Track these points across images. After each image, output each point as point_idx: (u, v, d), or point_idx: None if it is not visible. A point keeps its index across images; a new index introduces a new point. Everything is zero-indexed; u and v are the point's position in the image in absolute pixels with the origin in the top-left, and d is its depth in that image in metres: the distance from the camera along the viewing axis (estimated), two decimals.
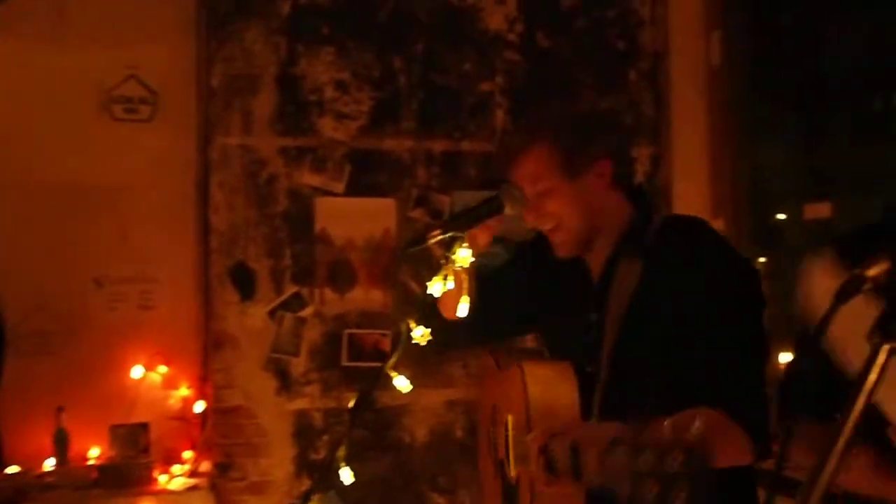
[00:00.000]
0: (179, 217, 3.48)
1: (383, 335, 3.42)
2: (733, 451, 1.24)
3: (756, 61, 3.35)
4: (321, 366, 3.44)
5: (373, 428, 3.38)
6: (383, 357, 3.22)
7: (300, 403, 3.42)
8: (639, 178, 3.75)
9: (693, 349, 1.30)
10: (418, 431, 3.50)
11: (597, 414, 1.39)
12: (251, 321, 3.38)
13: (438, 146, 3.54)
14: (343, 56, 3.43)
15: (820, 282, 0.93)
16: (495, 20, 3.60)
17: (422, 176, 3.53)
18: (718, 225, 3.44)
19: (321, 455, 3.39)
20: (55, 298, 3.36)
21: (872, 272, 0.74)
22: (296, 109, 3.41)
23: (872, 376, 0.74)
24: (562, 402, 1.41)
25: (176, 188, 3.48)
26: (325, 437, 3.41)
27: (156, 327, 3.46)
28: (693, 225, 1.54)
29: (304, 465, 3.40)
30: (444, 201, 3.51)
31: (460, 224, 1.59)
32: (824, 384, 0.88)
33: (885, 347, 0.74)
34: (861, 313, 0.78)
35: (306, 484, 3.13)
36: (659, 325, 1.37)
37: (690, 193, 3.60)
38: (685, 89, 3.60)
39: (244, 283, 3.37)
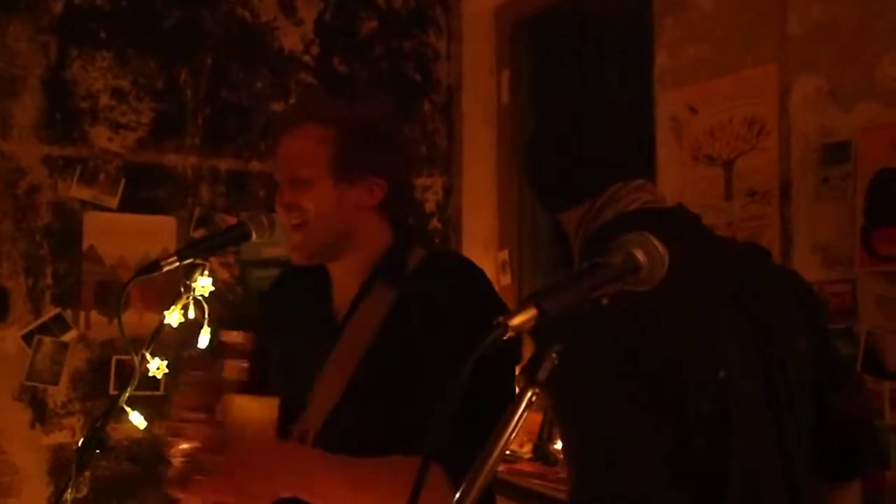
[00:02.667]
0: None
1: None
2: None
3: (540, 101, 3.50)
4: (86, 395, 3.17)
5: (143, 462, 3.16)
6: (157, 385, 3.06)
7: (58, 437, 3.13)
8: (430, 207, 3.80)
9: (435, 392, 1.22)
10: None
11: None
12: (2, 346, 3.06)
13: (225, 164, 3.40)
14: (122, 63, 3.22)
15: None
16: (291, 40, 3.53)
17: (206, 195, 3.37)
18: (503, 256, 3.54)
19: (83, 494, 3.11)
20: None
21: (515, 321, 0.76)
22: (65, 116, 3.15)
23: (516, 417, 0.75)
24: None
25: None
26: (88, 474, 3.13)
27: None
28: (461, 263, 1.44)
29: None
30: (230, 222, 3.36)
31: (200, 250, 1.50)
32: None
33: (529, 392, 0.76)
34: None
35: None
36: (404, 361, 1.29)
37: (479, 224, 3.69)
38: (477, 124, 3.70)
39: None
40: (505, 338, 0.77)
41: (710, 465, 1.14)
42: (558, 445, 2.81)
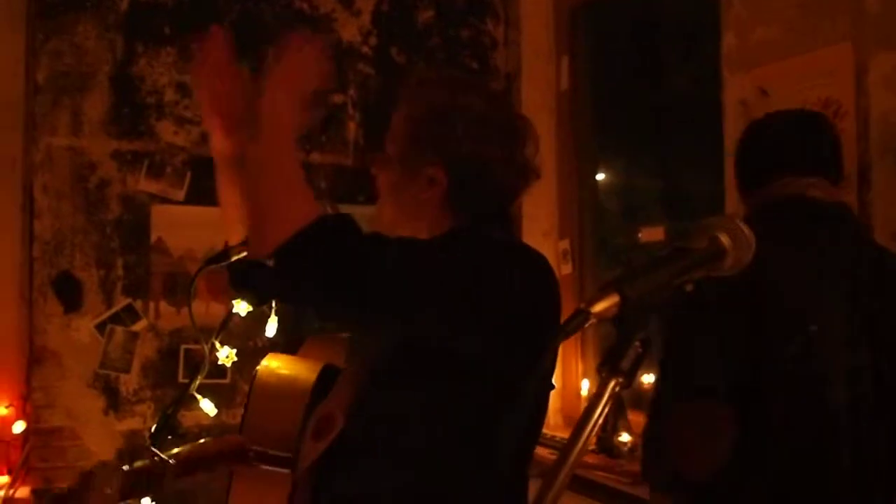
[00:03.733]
0: (2, 222, 3.23)
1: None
2: None
3: (601, 87, 3.45)
4: (156, 383, 3.26)
5: None
6: (224, 374, 3.13)
7: (130, 423, 3.23)
8: None
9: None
10: None
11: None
12: (76, 335, 3.16)
13: None
14: (185, 58, 3.29)
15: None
16: (349, 31, 3.55)
17: None
18: (564, 245, 3.51)
19: None
20: None
21: (597, 308, 0.73)
22: (132, 111, 3.23)
23: (599, 409, 0.73)
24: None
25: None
26: (157, 459, 3.22)
27: None
28: (481, 240, 1.31)
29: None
30: None
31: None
32: None
33: (612, 382, 0.73)
34: None
35: None
36: None
37: (539, 213, 3.66)
38: (535, 111, 3.66)
39: (69, 294, 3.15)
40: (588, 324, 0.74)
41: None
42: (623, 438, 2.78)
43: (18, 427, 3.17)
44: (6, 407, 3.20)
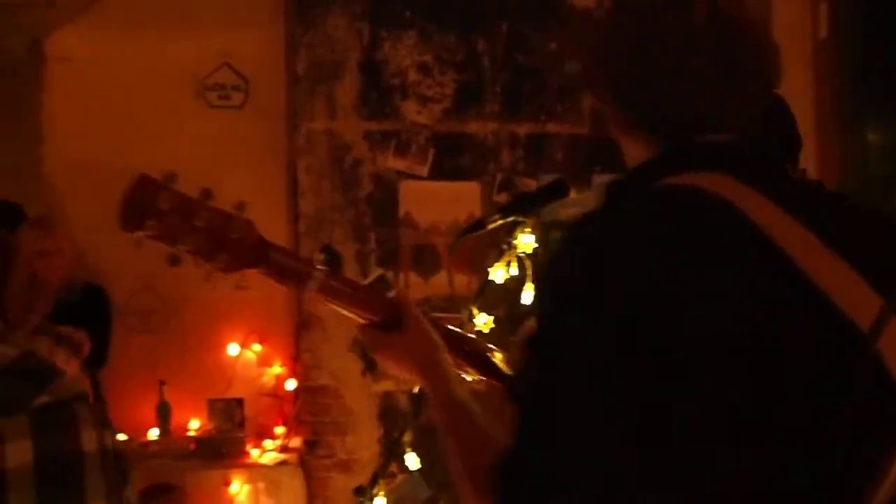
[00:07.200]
0: (271, 201, 3.58)
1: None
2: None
3: (864, 34, 3.10)
4: None
5: None
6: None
7: (385, 385, 3.47)
8: None
9: None
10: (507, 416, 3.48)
11: None
12: None
13: (523, 129, 3.48)
14: (425, 39, 3.42)
15: None
16: None
17: (506, 159, 3.49)
18: None
19: (410, 438, 3.44)
20: (158, 279, 3.54)
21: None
22: (379, 94, 3.43)
23: None
24: None
25: (267, 173, 3.58)
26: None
27: (251, 307, 3.59)
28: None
29: (389, 445, 3.46)
30: (530, 185, 3.45)
31: (522, 208, 1.53)
32: None
33: None
34: None
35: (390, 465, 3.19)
36: None
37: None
38: (788, 63, 3.36)
39: (331, 265, 3.43)
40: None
41: None
42: None
43: (290, 384, 3.55)
44: (280, 366, 3.59)
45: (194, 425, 3.47)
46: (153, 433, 3.39)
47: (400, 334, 1.08)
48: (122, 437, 3.33)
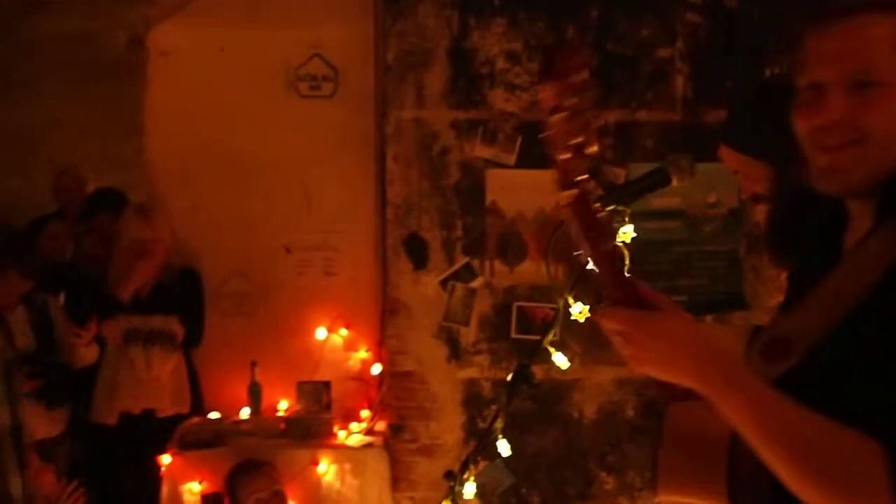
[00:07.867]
0: (359, 189, 3.65)
1: (553, 310, 3.40)
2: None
3: None
4: (490, 337, 3.49)
5: (541, 401, 3.39)
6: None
7: (470, 372, 3.49)
8: None
9: None
10: (587, 408, 3.46)
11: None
12: (424, 290, 3.48)
13: (613, 116, 3.43)
14: (514, 27, 3.40)
15: None
16: None
17: None
18: None
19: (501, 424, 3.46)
20: (250, 264, 3.66)
21: None
22: (467, 82, 3.43)
23: None
24: None
25: (356, 162, 3.64)
26: (494, 407, 3.46)
27: (338, 292, 3.67)
28: None
29: (472, 432, 3.48)
30: (619, 174, 3.40)
31: (622, 197, 1.51)
32: None
33: None
34: None
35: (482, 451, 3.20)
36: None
37: None
38: None
39: (417, 253, 3.48)
40: None
41: None
42: None
43: (376, 369, 3.61)
44: (366, 351, 3.65)
45: (283, 406, 3.57)
46: (245, 412, 3.50)
47: (662, 316, 1.02)
48: (215, 415, 3.47)
